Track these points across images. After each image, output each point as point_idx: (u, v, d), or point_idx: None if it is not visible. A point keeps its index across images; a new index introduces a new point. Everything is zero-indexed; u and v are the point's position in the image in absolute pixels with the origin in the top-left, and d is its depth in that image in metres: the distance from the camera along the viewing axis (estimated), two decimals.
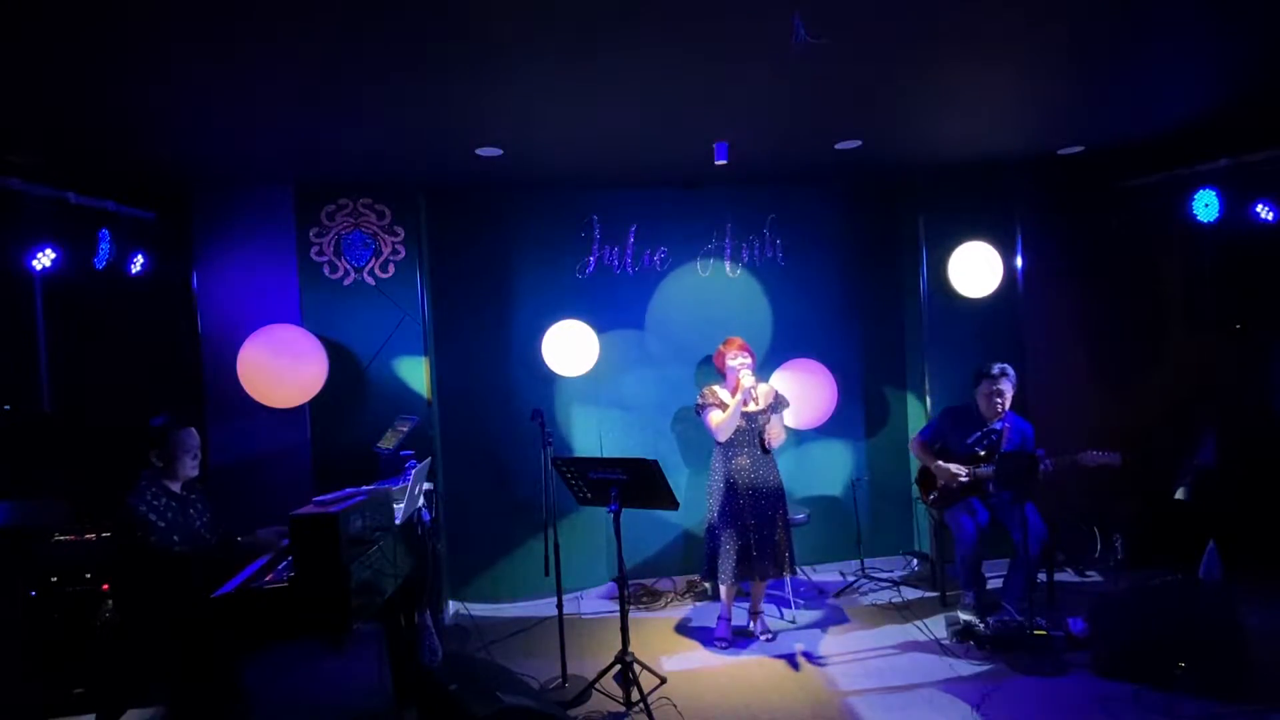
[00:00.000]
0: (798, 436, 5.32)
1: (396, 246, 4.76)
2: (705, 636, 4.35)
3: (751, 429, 4.19)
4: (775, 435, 4.24)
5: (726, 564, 4.12)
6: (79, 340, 4.40)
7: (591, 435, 5.20)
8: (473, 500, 5.09)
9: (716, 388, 4.27)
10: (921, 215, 5.22)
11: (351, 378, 4.70)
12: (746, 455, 4.19)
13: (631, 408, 5.25)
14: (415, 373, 4.78)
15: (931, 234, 5.19)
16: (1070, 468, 4.14)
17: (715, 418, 4.18)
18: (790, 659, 4.05)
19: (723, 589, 4.31)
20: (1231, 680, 3.32)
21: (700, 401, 4.27)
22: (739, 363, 4.18)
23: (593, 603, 5.07)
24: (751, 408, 4.17)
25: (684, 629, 4.55)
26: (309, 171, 4.46)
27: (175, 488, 3.30)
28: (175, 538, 3.14)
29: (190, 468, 3.33)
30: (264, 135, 3.80)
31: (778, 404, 4.29)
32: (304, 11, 2.56)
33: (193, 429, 3.37)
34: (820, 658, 4.04)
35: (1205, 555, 4.00)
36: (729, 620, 4.31)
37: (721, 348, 4.28)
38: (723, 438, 4.19)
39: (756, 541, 4.12)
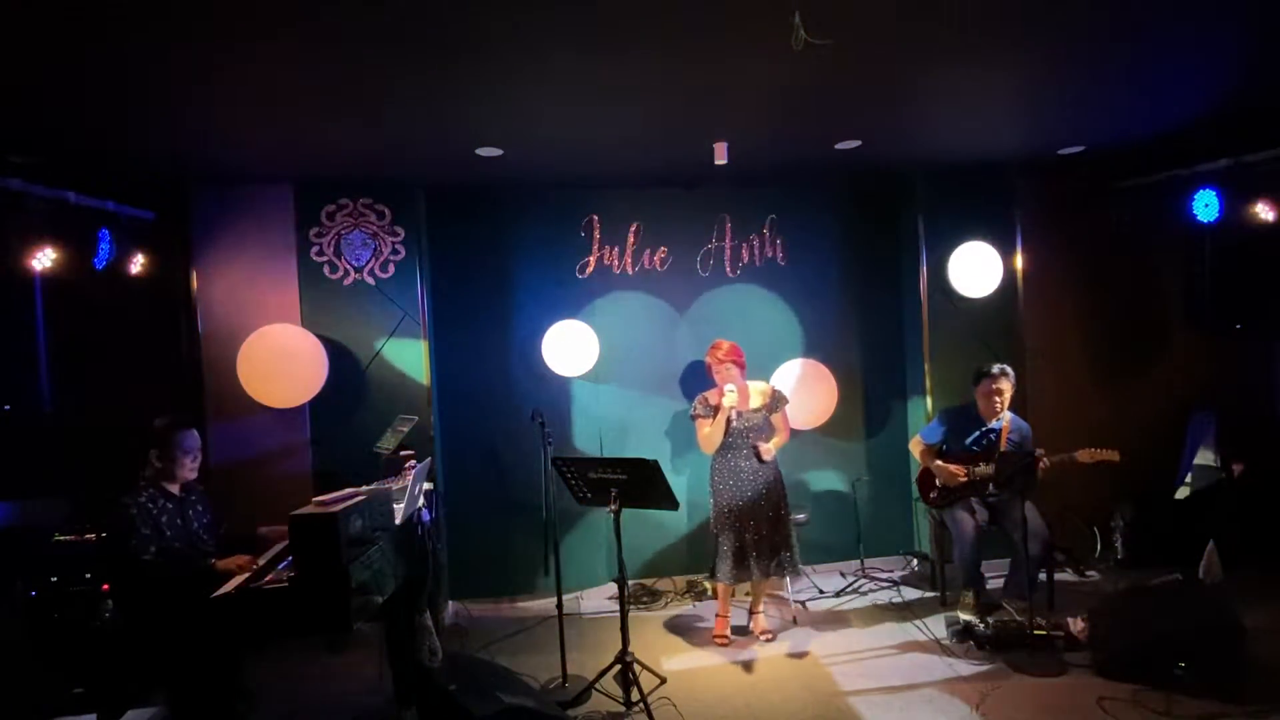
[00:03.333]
0: (798, 436, 5.32)
1: (396, 246, 4.76)
2: (705, 636, 4.35)
3: (747, 428, 4.18)
4: (774, 442, 4.20)
5: (724, 565, 4.13)
6: (79, 340, 4.40)
7: (591, 435, 5.20)
8: (473, 500, 5.08)
9: (709, 394, 4.27)
10: (921, 215, 5.21)
11: (351, 378, 4.70)
12: (743, 456, 4.18)
13: (631, 408, 5.25)
14: (415, 372, 4.78)
15: (931, 234, 5.18)
16: (1069, 466, 4.15)
17: (701, 431, 4.20)
18: (790, 659, 4.05)
19: (719, 589, 4.31)
20: (1231, 680, 3.32)
21: (693, 412, 4.28)
22: (723, 374, 4.14)
23: (593, 603, 5.07)
24: (746, 407, 4.16)
25: (684, 629, 4.54)
26: (309, 171, 4.46)
27: (174, 489, 3.28)
28: (153, 548, 3.07)
29: (189, 470, 3.29)
30: (264, 135, 3.80)
31: (776, 402, 4.27)
32: (304, 13, 2.56)
33: (194, 431, 3.34)
34: (820, 658, 4.03)
35: (1205, 555, 4.00)
36: (727, 619, 4.31)
37: (708, 355, 4.23)
38: (707, 450, 4.23)
39: (754, 542, 4.12)
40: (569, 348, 4.86)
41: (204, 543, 3.29)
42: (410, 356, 4.77)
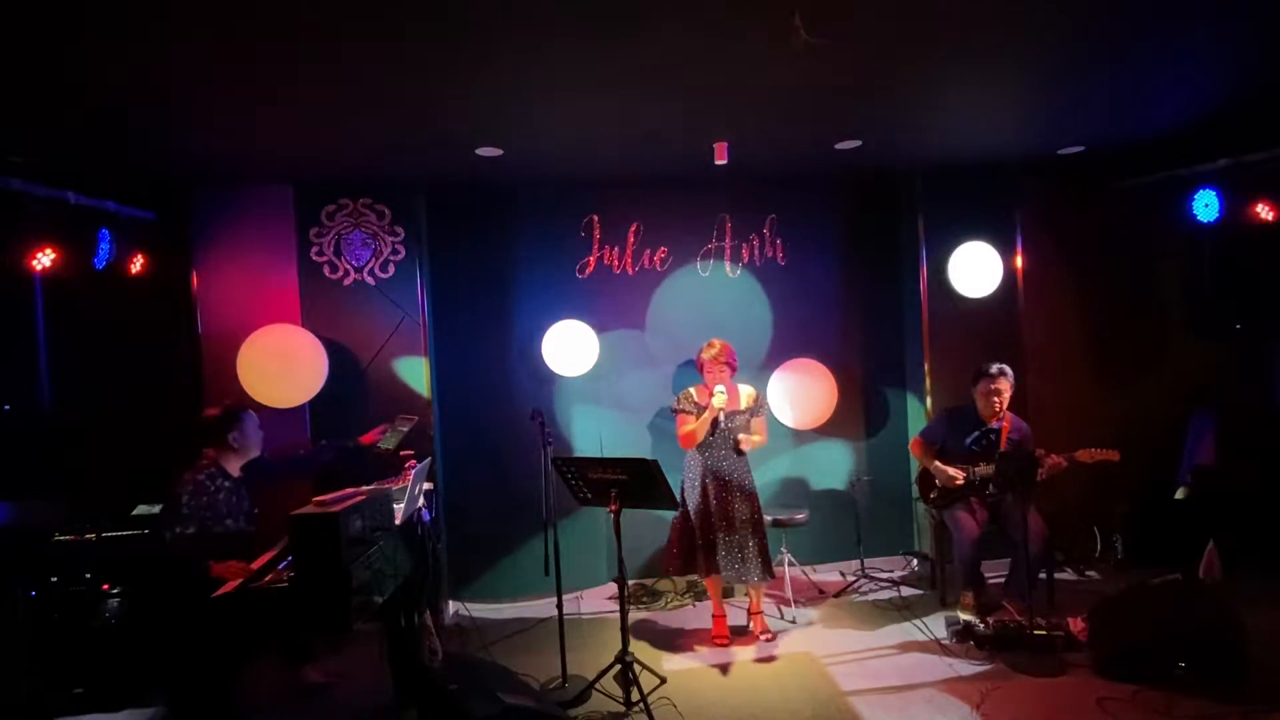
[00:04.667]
0: (798, 436, 5.32)
1: (396, 246, 4.76)
2: (705, 636, 4.34)
3: (727, 429, 4.17)
4: (750, 440, 4.18)
5: (696, 558, 4.14)
6: (79, 340, 4.40)
7: (591, 435, 5.20)
8: (473, 500, 5.09)
9: (694, 390, 4.26)
10: (921, 215, 5.22)
11: (351, 378, 4.70)
12: (720, 457, 4.17)
13: (631, 408, 5.25)
14: (415, 373, 4.78)
15: (931, 234, 5.19)
16: (1068, 465, 4.14)
17: (683, 428, 4.19)
18: (790, 659, 4.04)
19: (708, 586, 4.32)
20: (1231, 680, 3.32)
21: (675, 406, 4.27)
22: (714, 374, 4.13)
23: (593, 603, 5.07)
24: (727, 409, 4.15)
25: (684, 629, 4.54)
26: (309, 171, 4.46)
27: (234, 470, 3.40)
28: (178, 529, 3.15)
29: (260, 446, 3.53)
30: (264, 136, 3.80)
31: (758, 407, 4.27)
32: (304, 12, 2.56)
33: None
34: (820, 658, 4.03)
35: (1205, 555, 4.00)
36: (724, 618, 4.31)
37: (702, 352, 4.19)
38: (687, 446, 4.22)
39: (726, 542, 4.11)
40: (569, 348, 4.85)
41: (242, 527, 3.36)
42: (410, 356, 4.77)
